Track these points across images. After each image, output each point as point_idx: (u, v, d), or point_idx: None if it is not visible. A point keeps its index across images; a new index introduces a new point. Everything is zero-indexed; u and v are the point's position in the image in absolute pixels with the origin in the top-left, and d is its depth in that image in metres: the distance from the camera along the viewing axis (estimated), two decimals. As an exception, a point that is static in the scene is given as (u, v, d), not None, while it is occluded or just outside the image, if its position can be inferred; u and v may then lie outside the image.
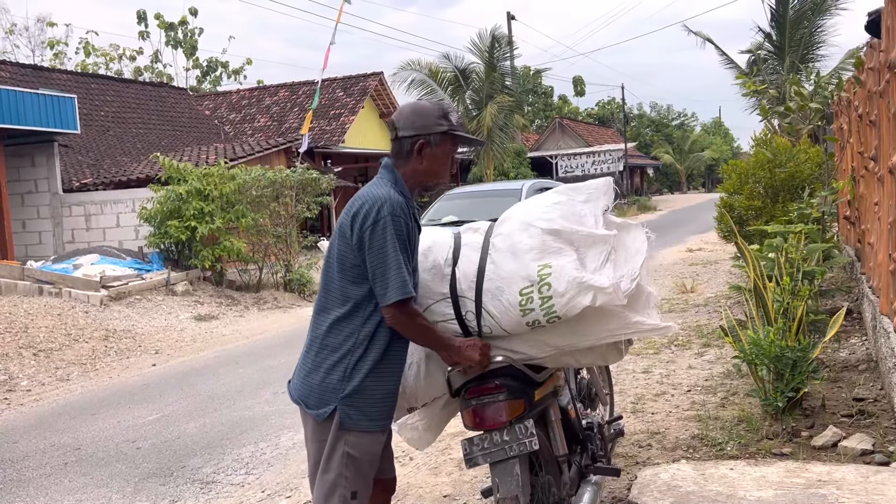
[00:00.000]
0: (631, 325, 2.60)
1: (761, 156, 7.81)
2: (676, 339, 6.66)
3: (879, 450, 3.52)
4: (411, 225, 2.33)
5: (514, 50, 25.30)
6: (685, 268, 12.43)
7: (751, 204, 7.74)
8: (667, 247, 16.10)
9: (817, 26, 18.11)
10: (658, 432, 4.19)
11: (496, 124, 22.87)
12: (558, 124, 42.10)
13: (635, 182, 48.19)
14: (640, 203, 35.85)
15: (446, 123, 2.36)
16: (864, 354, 5.29)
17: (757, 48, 18.44)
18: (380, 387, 2.33)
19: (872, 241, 5.47)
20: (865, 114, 6.00)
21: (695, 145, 58.47)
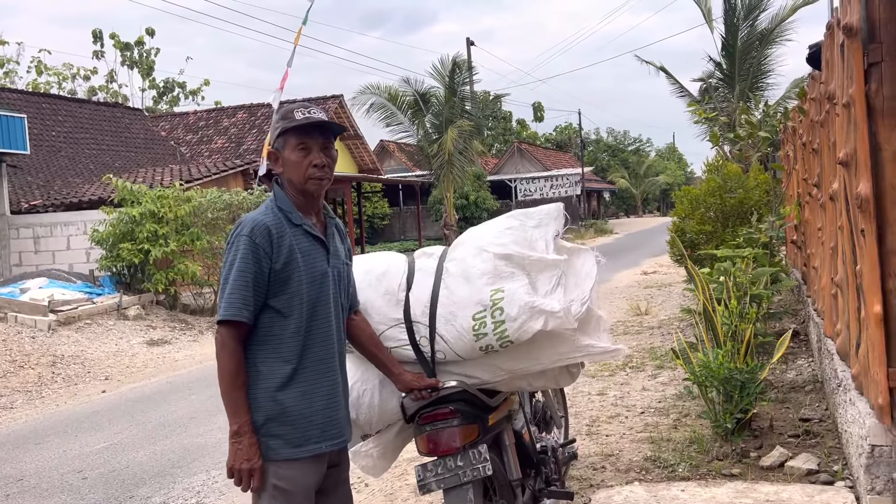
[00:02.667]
0: (582, 348, 2.64)
1: (712, 182, 8.03)
2: (631, 361, 6.75)
3: (824, 469, 3.61)
4: (291, 242, 2.14)
5: (473, 75, 25.57)
6: (640, 290, 12.62)
7: (702, 229, 7.93)
8: (622, 270, 16.35)
9: (765, 56, 18.69)
10: (612, 454, 4.23)
11: (456, 148, 23.03)
12: (517, 149, 42.61)
13: (592, 206, 48.93)
14: (597, 226, 36.37)
15: (281, 124, 2.21)
16: (811, 375, 5.44)
17: (708, 76, 18.97)
18: (298, 410, 2.13)
19: (817, 266, 5.64)
20: (809, 142, 6.22)
21: (650, 170, 59.72)
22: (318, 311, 2.20)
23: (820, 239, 5.33)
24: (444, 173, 23.37)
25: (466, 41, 29.95)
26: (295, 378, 2.14)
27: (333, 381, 2.23)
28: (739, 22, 17.95)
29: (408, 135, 24.34)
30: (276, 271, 2.12)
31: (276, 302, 2.13)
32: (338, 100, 24.94)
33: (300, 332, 2.15)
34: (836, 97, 3.72)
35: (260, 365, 2.13)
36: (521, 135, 53.72)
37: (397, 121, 23.15)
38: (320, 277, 2.20)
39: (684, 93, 19.84)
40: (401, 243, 28.22)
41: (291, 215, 2.19)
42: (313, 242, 2.21)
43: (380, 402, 2.69)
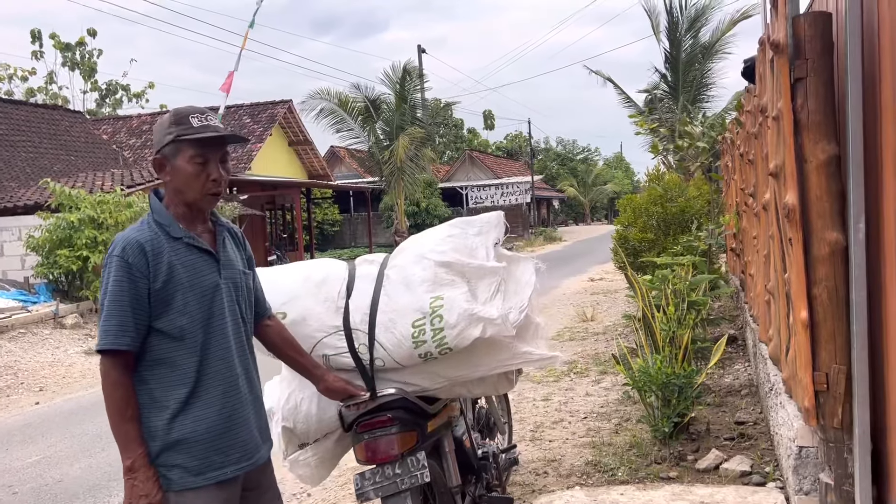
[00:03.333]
0: (520, 355, 2.67)
1: (654, 191, 8.23)
2: (576, 366, 6.84)
3: (757, 471, 3.72)
4: (170, 259, 1.98)
5: (424, 83, 25.66)
6: (587, 297, 12.81)
7: (644, 237, 8.11)
8: (570, 277, 16.57)
9: (707, 69, 19.26)
10: (554, 459, 4.28)
11: (407, 155, 23.05)
12: (468, 156, 42.85)
13: (542, 213, 49.50)
14: (547, 234, 36.81)
15: (175, 130, 2.01)
16: (747, 380, 5.60)
17: (653, 88, 19.44)
18: (197, 435, 1.98)
19: (753, 273, 5.82)
20: (745, 153, 6.42)
21: (598, 179, 60.79)
22: (213, 328, 2.03)
23: (755, 247, 5.50)
24: (395, 180, 23.37)
25: (418, 48, 30.03)
26: (192, 401, 1.98)
27: (237, 400, 2.06)
28: (682, 35, 18.45)
29: (358, 141, 24.27)
30: (156, 291, 1.95)
31: (162, 323, 1.97)
32: (287, 104, 24.69)
33: (195, 351, 1.99)
34: (767, 110, 3.86)
35: (154, 391, 1.98)
36: (473, 143, 54.10)
37: (348, 127, 23.07)
38: (211, 291, 2.03)
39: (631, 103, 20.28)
40: (351, 250, 28.03)
41: (170, 228, 2.01)
42: (199, 255, 2.04)
43: (317, 411, 2.67)
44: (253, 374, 2.18)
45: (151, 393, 1.98)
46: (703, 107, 18.29)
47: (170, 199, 2.07)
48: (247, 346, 2.17)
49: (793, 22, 2.94)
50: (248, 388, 2.13)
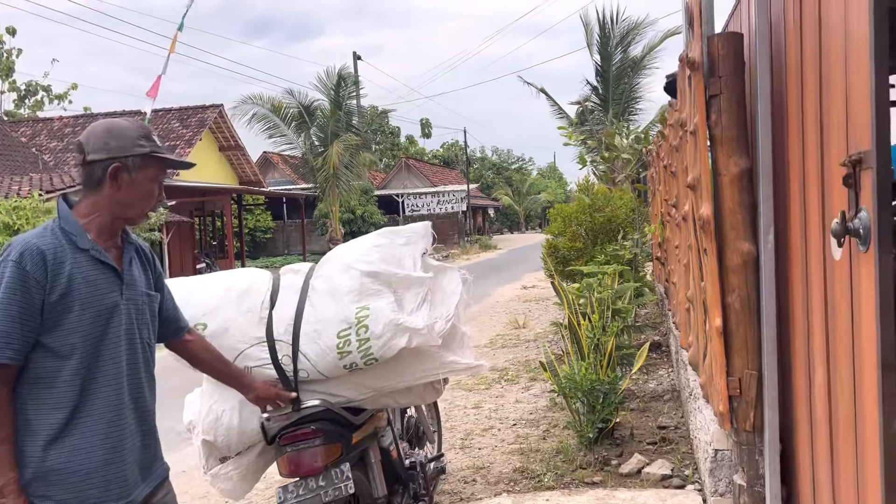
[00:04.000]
0: (446, 364, 2.68)
1: (582, 201, 8.42)
2: (507, 373, 6.91)
3: (677, 474, 3.83)
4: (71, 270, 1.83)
5: (360, 89, 25.57)
6: (519, 304, 12.97)
7: (573, 245, 8.28)
8: (504, 284, 16.75)
9: (636, 83, 19.86)
10: (483, 467, 4.31)
11: (342, 162, 22.88)
12: (405, 164, 42.86)
13: (478, 222, 49.91)
14: (482, 242, 37.12)
15: (148, 145, 1.95)
16: (670, 385, 5.77)
17: (585, 100, 19.90)
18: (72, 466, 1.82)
19: (675, 281, 6.02)
20: (668, 165, 6.64)
21: (532, 188, 61.80)
22: (104, 351, 1.88)
23: (677, 256, 5.69)
24: (329, 187, 23.16)
25: (353, 55, 29.88)
26: (70, 429, 1.83)
27: (122, 431, 1.91)
28: (613, 49, 18.96)
29: (292, 147, 23.97)
30: (50, 304, 1.80)
31: (51, 339, 1.81)
32: (218, 109, 24.17)
33: (79, 375, 1.83)
34: (686, 125, 4.00)
35: (29, 412, 1.82)
36: (410, 151, 54.15)
37: (281, 132, 22.75)
38: (108, 311, 1.89)
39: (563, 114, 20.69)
40: (285, 258, 27.60)
41: (77, 238, 1.86)
42: (103, 270, 1.90)
43: (239, 424, 2.62)
44: (146, 404, 2.03)
45: (27, 415, 1.82)
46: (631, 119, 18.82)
47: (92, 209, 1.92)
48: (143, 372, 2.02)
49: (707, 41, 3.06)
50: (137, 418, 1.98)
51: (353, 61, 29.63)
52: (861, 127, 1.94)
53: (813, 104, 2.40)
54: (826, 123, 2.28)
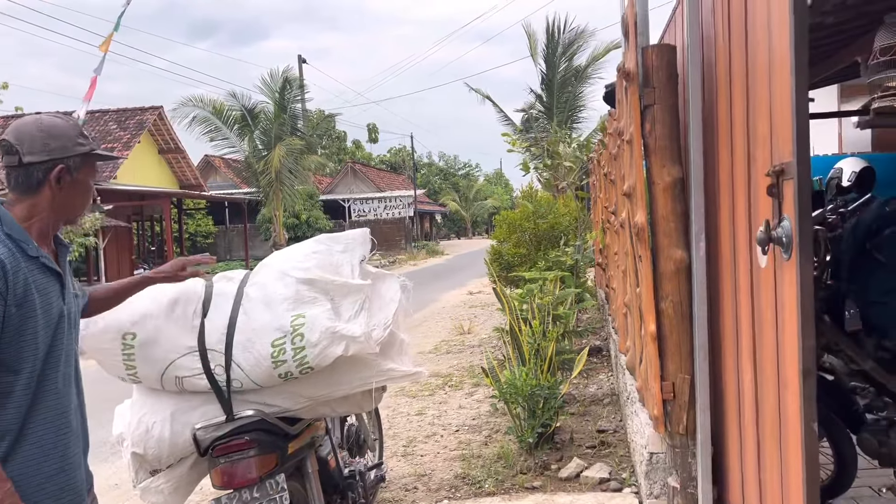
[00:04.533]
0: (384, 372, 2.67)
1: (526, 208, 8.51)
2: (450, 379, 6.92)
3: (615, 477, 3.89)
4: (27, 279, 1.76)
5: (305, 93, 25.30)
6: (465, 310, 13.01)
7: (517, 252, 8.35)
8: (450, 290, 16.79)
9: (579, 92, 20.21)
10: (425, 474, 4.29)
11: (285, 166, 22.59)
12: (351, 168, 42.57)
13: (425, 227, 49.94)
14: (429, 248, 37.15)
15: (86, 143, 1.92)
16: (610, 389, 5.87)
17: (530, 108, 20.15)
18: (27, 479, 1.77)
19: (614, 287, 6.13)
20: (608, 173, 6.77)
21: (479, 194, 62.16)
22: (51, 359, 1.82)
23: (616, 262, 5.80)
24: (273, 191, 22.82)
25: (298, 58, 29.63)
26: (22, 442, 1.77)
27: (69, 439, 1.87)
28: (558, 59, 19.25)
29: (235, 150, 23.54)
30: (10, 316, 1.71)
31: (6, 353, 1.73)
32: (157, 111, 23.55)
33: (31, 387, 1.77)
34: (623, 134, 4.08)
35: None
36: (356, 155, 53.84)
37: (223, 135, 22.32)
38: (56, 320, 1.83)
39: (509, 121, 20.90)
40: (226, 263, 27.04)
41: (27, 246, 1.78)
42: (49, 277, 1.84)
43: (170, 435, 2.55)
44: (83, 409, 1.99)
45: None
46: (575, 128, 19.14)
47: (30, 213, 1.84)
48: (78, 377, 1.98)
49: (642, 52, 3.13)
50: (80, 424, 1.95)
51: (298, 64, 29.36)
52: (783, 139, 2.01)
53: (741, 116, 2.47)
54: (752, 135, 2.35)
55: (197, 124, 21.80)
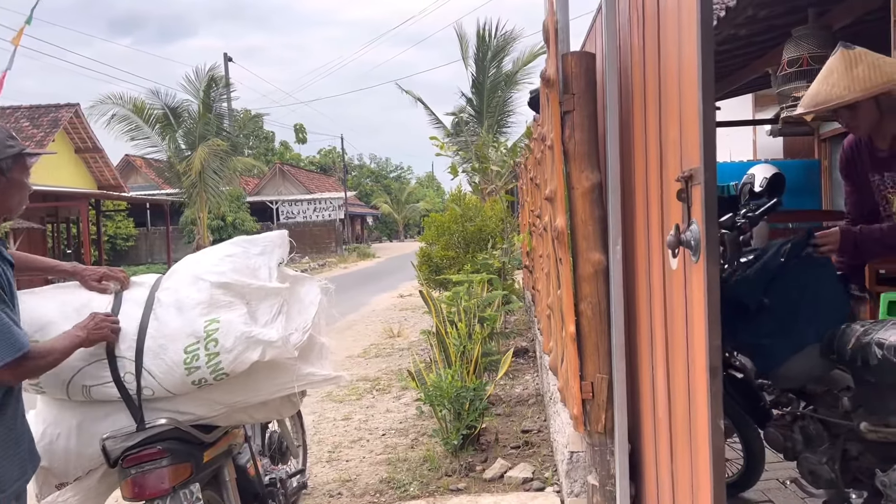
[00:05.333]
0: (303, 377, 2.62)
1: (454, 211, 8.55)
2: (379, 383, 6.88)
3: (538, 477, 3.95)
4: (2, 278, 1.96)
5: (231, 92, 24.73)
6: (395, 313, 12.98)
7: (446, 254, 8.39)
8: (381, 293, 16.73)
9: (509, 97, 20.47)
10: (350, 479, 4.25)
11: (210, 167, 22.00)
12: (279, 170, 41.87)
13: (356, 230, 49.58)
14: (360, 250, 36.88)
15: (15, 144, 2.05)
16: (535, 389, 5.95)
17: (460, 111, 20.27)
18: None
19: (539, 289, 6.23)
20: (534, 177, 6.88)
21: (411, 197, 62.16)
22: None
23: (541, 265, 5.90)
24: (197, 192, 22.19)
25: (224, 56, 28.95)
26: None
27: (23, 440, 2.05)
28: (488, 63, 19.43)
29: (157, 150, 22.76)
30: None
31: None
32: (73, 108, 22.56)
33: None
34: (546, 139, 4.15)
35: None
36: (285, 156, 52.98)
37: (144, 135, 21.55)
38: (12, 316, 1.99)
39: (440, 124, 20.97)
40: (147, 266, 26.16)
41: None
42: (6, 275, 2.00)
43: (77, 446, 2.44)
44: None
45: None
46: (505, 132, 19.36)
47: None
48: None
49: (562, 59, 3.19)
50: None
51: (224, 63, 28.69)
52: (692, 146, 2.07)
53: (654, 123, 2.55)
54: (665, 142, 2.42)
55: (116, 122, 21.00)
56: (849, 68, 2.65)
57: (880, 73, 2.59)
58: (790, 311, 2.69)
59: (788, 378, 2.69)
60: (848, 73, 2.64)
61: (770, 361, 2.73)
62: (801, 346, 2.62)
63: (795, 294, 2.70)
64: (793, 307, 2.69)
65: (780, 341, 2.67)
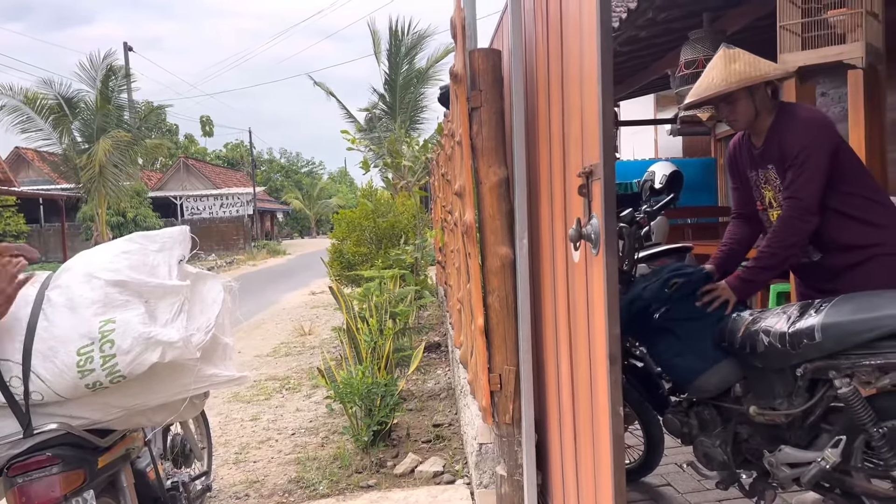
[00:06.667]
0: (205, 378, 2.54)
1: (366, 206, 8.49)
2: (288, 382, 6.76)
3: (448, 470, 3.98)
4: None
5: (132, 83, 23.64)
6: (307, 310, 12.78)
7: (358, 250, 8.32)
8: (292, 290, 16.43)
9: (421, 93, 20.49)
10: (257, 481, 4.16)
11: (110, 161, 20.97)
12: (183, 164, 40.39)
13: (266, 226, 48.45)
14: (270, 247, 36.06)
15: None
16: (447, 383, 6.00)
17: (373, 107, 20.14)
18: None
19: (451, 283, 6.28)
20: (445, 173, 6.92)
21: (323, 192, 61.29)
22: None
23: (452, 260, 5.94)
24: (95, 187, 21.11)
25: (124, 46, 27.67)
26: None
27: None
28: (401, 59, 19.39)
29: (51, 143, 21.49)
30: None
31: None
32: (-45, 97, 21.00)
33: None
34: (455, 135, 4.18)
35: None
36: (190, 150, 51.14)
37: (36, 126, 20.31)
38: None
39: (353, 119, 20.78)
40: (41, 265, 24.66)
41: None
42: None
43: (-45, 457, 2.27)
44: None
45: None
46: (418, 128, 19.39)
47: None
48: None
49: (469, 55, 3.22)
50: None
51: (123, 52, 27.42)
52: (592, 142, 2.14)
53: (558, 120, 2.61)
54: (567, 138, 2.49)
55: (6, 114, 19.70)
56: (727, 64, 2.85)
57: (754, 69, 2.80)
58: (693, 333, 2.82)
59: (704, 390, 2.82)
60: (726, 68, 2.84)
61: (685, 377, 2.86)
62: (713, 362, 2.75)
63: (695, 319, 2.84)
64: (695, 331, 2.82)
65: (690, 359, 2.81)
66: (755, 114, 2.87)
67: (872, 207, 2.76)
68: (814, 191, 2.68)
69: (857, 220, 2.75)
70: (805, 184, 2.68)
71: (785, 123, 2.83)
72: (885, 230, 2.74)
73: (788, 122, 2.82)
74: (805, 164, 2.68)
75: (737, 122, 2.93)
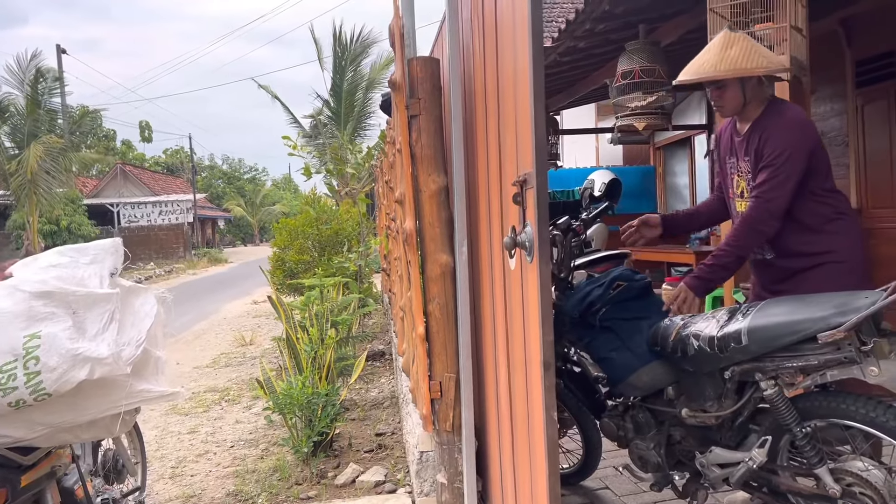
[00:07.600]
0: (137, 393, 2.47)
1: (308, 214, 8.40)
2: (228, 393, 6.62)
3: (390, 479, 3.96)
4: None
5: (65, 86, 22.87)
6: (248, 320, 12.56)
7: (301, 258, 8.22)
8: (233, 300, 16.13)
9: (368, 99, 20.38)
10: (194, 495, 4.05)
11: (42, 167, 20.22)
12: (120, 170, 39.23)
13: (207, 234, 47.40)
14: (211, 255, 35.28)
15: None
16: (391, 392, 5.97)
17: (318, 113, 19.94)
18: None
19: (395, 291, 6.26)
20: (389, 180, 6.91)
21: (266, 199, 60.31)
22: None
23: (395, 267, 5.93)
24: (26, 194, 20.32)
25: (57, 48, 26.75)
26: None
27: None
28: (346, 65, 19.26)
29: (-23, 149, 20.60)
30: None
31: None
32: None
33: None
34: (396, 142, 4.18)
35: None
36: (128, 156, 49.73)
37: (-40, 130, 19.47)
38: None
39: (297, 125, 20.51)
40: (-32, 276, 23.57)
41: None
42: None
43: None
44: None
45: None
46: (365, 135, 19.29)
47: None
48: None
49: (408, 63, 3.23)
50: None
51: (56, 54, 26.53)
52: (526, 151, 2.16)
53: (494, 128, 2.64)
54: (503, 147, 2.51)
55: (-73, 117, 18.80)
56: (724, 48, 2.77)
57: (748, 59, 2.72)
58: (630, 331, 2.89)
59: (636, 387, 2.88)
60: (720, 53, 2.77)
61: (619, 373, 2.91)
62: (646, 361, 2.81)
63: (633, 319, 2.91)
64: (634, 328, 2.89)
65: (626, 355, 2.86)
66: (743, 102, 2.82)
67: (827, 214, 2.77)
68: (783, 194, 2.67)
69: (811, 229, 2.76)
70: (776, 186, 2.67)
71: (771, 120, 2.78)
72: (837, 237, 2.77)
73: (775, 120, 2.77)
74: (781, 168, 2.66)
75: (723, 109, 2.88)
